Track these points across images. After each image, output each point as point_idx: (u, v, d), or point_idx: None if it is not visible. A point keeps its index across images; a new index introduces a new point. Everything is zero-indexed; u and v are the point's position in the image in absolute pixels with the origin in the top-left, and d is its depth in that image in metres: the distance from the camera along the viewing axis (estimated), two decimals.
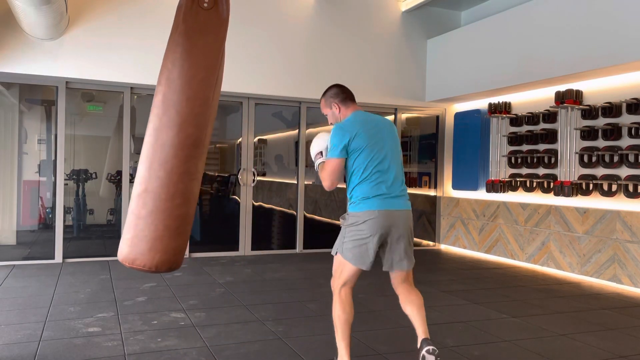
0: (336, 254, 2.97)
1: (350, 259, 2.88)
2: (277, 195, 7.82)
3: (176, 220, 2.53)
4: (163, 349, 3.42)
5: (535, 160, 6.79)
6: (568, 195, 6.08)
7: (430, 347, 2.79)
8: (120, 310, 4.33)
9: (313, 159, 3.07)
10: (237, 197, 7.36)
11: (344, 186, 3.08)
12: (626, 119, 5.72)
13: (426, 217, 8.43)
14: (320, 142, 3.03)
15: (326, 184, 2.92)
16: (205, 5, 2.59)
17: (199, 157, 2.56)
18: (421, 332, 2.89)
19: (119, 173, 6.83)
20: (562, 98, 6.25)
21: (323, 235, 7.98)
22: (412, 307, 2.95)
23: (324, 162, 2.98)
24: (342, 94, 3.12)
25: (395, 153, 3.04)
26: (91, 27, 6.29)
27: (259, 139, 7.58)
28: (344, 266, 2.92)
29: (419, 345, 2.85)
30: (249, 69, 6.96)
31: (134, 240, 2.48)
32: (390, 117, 8.20)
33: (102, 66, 6.32)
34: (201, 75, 2.53)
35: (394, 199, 2.95)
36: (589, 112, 6.09)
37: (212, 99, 2.57)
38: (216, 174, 7.61)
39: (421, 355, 2.79)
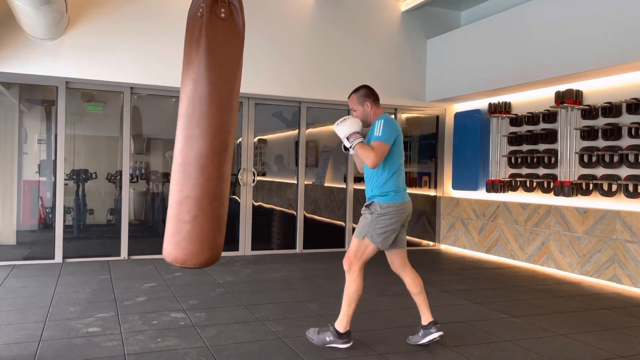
0: (364, 238, 3.45)
1: (379, 242, 3.44)
2: (277, 195, 7.82)
3: (217, 221, 2.81)
4: (163, 349, 3.42)
5: (535, 160, 6.79)
6: (568, 195, 6.08)
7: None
8: (120, 310, 4.33)
9: (346, 136, 3.40)
10: (237, 197, 7.36)
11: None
12: (626, 119, 5.72)
13: (426, 217, 8.43)
14: (354, 124, 3.45)
15: (375, 161, 3.35)
16: (223, 15, 2.73)
17: (229, 160, 2.85)
18: (429, 314, 3.59)
19: (119, 173, 6.83)
20: (562, 98, 6.25)
21: (323, 236, 7.98)
22: (420, 288, 3.62)
23: (362, 142, 3.39)
24: (374, 95, 3.66)
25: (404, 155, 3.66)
26: (91, 27, 6.29)
27: (259, 139, 7.58)
28: (367, 248, 3.46)
29: (426, 324, 3.56)
30: (248, 68, 6.90)
31: (183, 243, 2.73)
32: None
33: (102, 66, 6.32)
34: (227, 87, 2.75)
35: (406, 192, 3.64)
36: (589, 112, 6.09)
37: (236, 106, 2.82)
38: None
39: (432, 337, 3.52)
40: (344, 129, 3.44)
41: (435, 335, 3.52)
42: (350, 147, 3.41)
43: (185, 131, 2.73)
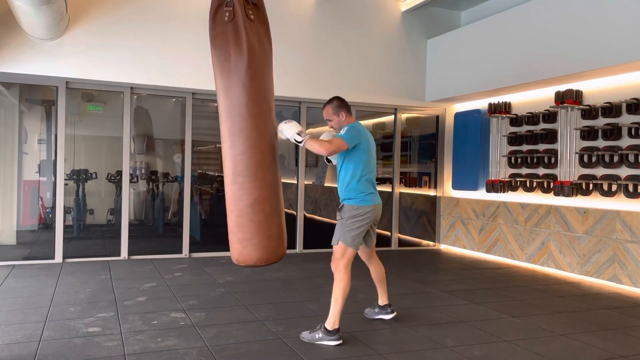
0: (338, 243, 3.68)
1: (350, 244, 3.65)
2: None
3: (282, 217, 3.09)
4: (163, 349, 3.42)
5: (535, 160, 6.79)
6: (568, 195, 6.08)
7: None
8: (120, 310, 4.33)
9: (292, 135, 3.51)
10: None
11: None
12: (626, 119, 5.72)
13: (426, 217, 8.43)
14: (296, 124, 3.57)
15: (329, 148, 3.58)
16: (252, 17, 2.85)
17: (278, 164, 3.23)
18: (386, 298, 4.16)
19: (119, 173, 6.83)
20: (562, 98, 6.25)
21: (323, 236, 7.97)
22: (382, 277, 4.13)
23: (311, 136, 3.58)
24: (347, 106, 3.92)
25: (375, 160, 3.95)
26: (91, 27, 6.29)
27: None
28: (345, 250, 3.65)
29: (382, 304, 4.14)
30: None
31: (263, 242, 2.95)
32: (390, 117, 8.20)
33: (102, 66, 6.32)
34: (271, 85, 3.12)
35: (375, 195, 3.83)
36: (589, 112, 6.09)
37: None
38: (216, 174, 7.61)
39: (387, 316, 4.12)
40: (291, 128, 3.51)
41: (389, 316, 4.13)
42: (302, 142, 3.51)
43: (242, 135, 2.90)
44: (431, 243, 8.43)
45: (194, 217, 7.16)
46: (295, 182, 7.67)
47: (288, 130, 3.51)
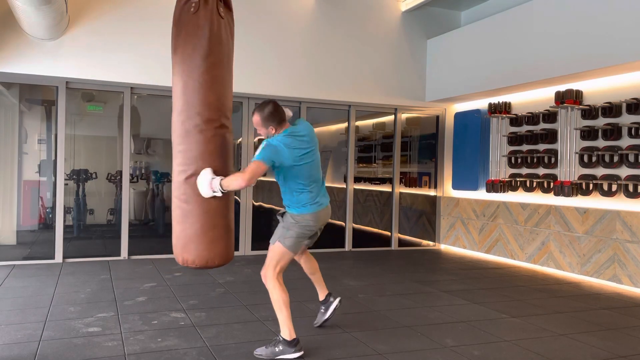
0: (275, 243, 3.50)
1: (289, 247, 3.47)
2: (277, 195, 7.80)
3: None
4: (163, 349, 3.42)
5: (535, 160, 6.79)
6: (568, 195, 6.07)
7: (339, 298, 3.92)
8: (120, 310, 4.33)
9: (211, 188, 3.19)
10: (237, 197, 7.36)
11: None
12: (626, 119, 5.72)
13: (426, 217, 8.43)
14: (205, 175, 3.22)
15: (246, 178, 3.21)
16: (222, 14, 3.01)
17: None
18: (325, 288, 3.98)
19: (119, 173, 6.83)
20: (562, 98, 6.25)
21: (323, 236, 7.96)
22: (315, 269, 3.99)
23: (222, 179, 3.20)
24: (278, 116, 3.49)
25: (317, 161, 3.59)
26: (91, 27, 6.29)
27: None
28: (284, 255, 3.49)
29: (323, 298, 3.94)
30: (249, 69, 6.95)
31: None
32: (390, 117, 8.20)
33: (102, 66, 6.32)
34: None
35: (318, 204, 3.54)
36: (589, 112, 6.09)
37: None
38: None
39: (334, 305, 3.89)
40: (205, 185, 3.20)
41: (335, 303, 3.91)
42: (221, 190, 3.19)
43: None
44: (431, 243, 8.43)
45: None
46: None
47: (204, 189, 3.20)
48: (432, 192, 8.45)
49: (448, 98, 7.77)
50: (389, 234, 8.06)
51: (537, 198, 6.74)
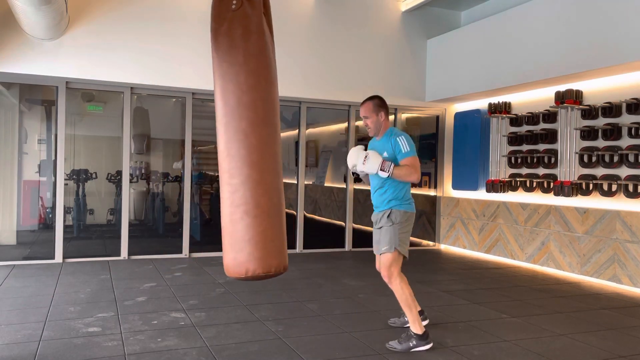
0: (393, 251, 3.62)
1: (405, 250, 3.68)
2: None
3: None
4: (163, 349, 3.42)
5: (535, 160, 6.79)
6: (568, 195, 6.07)
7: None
8: (120, 310, 4.33)
9: (379, 169, 3.54)
10: None
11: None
12: (626, 119, 5.72)
13: (426, 217, 8.43)
14: (376, 155, 3.57)
15: (418, 175, 3.58)
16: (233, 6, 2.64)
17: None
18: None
19: (119, 173, 6.83)
20: (562, 98, 6.25)
21: (323, 236, 7.98)
22: None
23: (397, 163, 3.57)
24: (387, 106, 3.75)
25: None
26: (91, 27, 6.28)
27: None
28: (397, 258, 3.65)
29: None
30: None
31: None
32: (390, 117, 8.19)
33: (102, 66, 6.32)
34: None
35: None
36: (589, 112, 6.09)
37: None
38: (216, 174, 7.61)
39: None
40: (373, 164, 3.54)
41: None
42: (389, 175, 3.53)
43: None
44: (431, 243, 8.43)
45: (194, 217, 7.17)
46: (295, 182, 7.67)
47: (371, 167, 3.54)
48: (432, 192, 8.45)
49: (448, 98, 7.77)
50: None
51: (537, 198, 6.74)
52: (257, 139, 2.41)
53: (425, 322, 3.86)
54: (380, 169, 3.52)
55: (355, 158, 3.62)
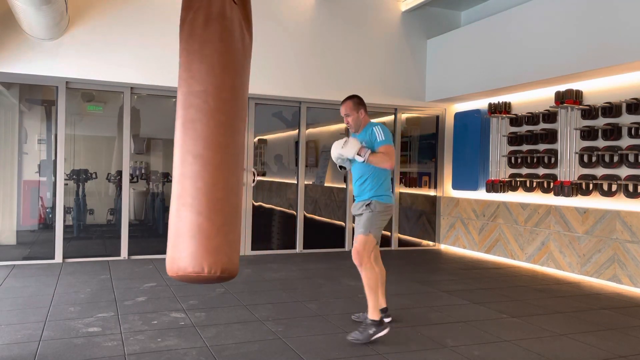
0: (368, 234, 3.80)
1: (378, 236, 3.87)
2: (277, 195, 7.82)
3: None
4: (163, 349, 3.42)
5: (535, 160, 6.79)
6: (568, 195, 6.07)
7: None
8: (120, 310, 4.33)
9: (356, 153, 3.78)
10: None
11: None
12: (626, 119, 5.72)
13: (426, 217, 8.43)
14: (355, 142, 3.82)
15: (393, 162, 3.81)
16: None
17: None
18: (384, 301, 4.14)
19: (119, 173, 6.82)
20: (562, 98, 6.25)
21: (323, 236, 7.98)
22: (382, 281, 4.17)
23: (371, 151, 3.79)
24: (365, 104, 4.01)
25: None
26: (91, 27, 6.29)
27: (259, 139, 7.58)
28: (370, 241, 3.81)
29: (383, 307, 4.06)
30: None
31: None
32: (390, 117, 8.20)
33: (102, 66, 6.32)
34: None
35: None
36: (589, 112, 6.09)
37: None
38: None
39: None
40: (351, 148, 3.80)
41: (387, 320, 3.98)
42: (364, 160, 3.77)
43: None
44: (431, 243, 8.43)
45: None
46: (295, 182, 7.67)
47: (348, 151, 3.79)
48: (432, 192, 8.45)
49: (448, 98, 7.77)
50: (389, 233, 8.06)
51: (537, 198, 6.74)
52: (205, 129, 2.27)
53: (387, 320, 3.99)
54: (357, 154, 3.76)
55: (338, 147, 3.88)
